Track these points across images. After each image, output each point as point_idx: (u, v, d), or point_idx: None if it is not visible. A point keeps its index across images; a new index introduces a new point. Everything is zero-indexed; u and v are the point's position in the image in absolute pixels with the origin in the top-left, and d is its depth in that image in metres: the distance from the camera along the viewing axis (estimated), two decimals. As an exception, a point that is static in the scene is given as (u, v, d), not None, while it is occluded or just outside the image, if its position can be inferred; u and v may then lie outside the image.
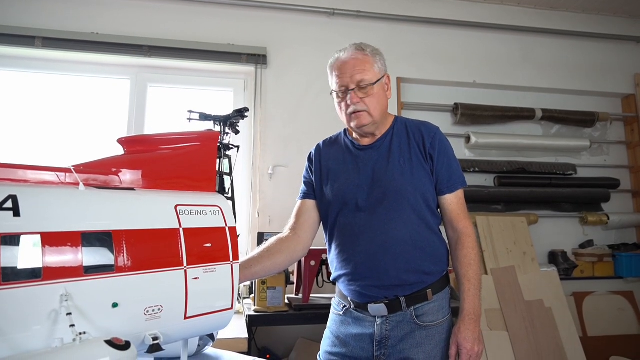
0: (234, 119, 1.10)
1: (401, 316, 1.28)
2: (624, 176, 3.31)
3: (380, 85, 1.33)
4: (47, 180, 0.73)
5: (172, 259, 0.78)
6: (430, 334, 1.27)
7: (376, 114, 1.32)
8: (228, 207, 0.95)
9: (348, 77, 1.30)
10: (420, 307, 1.28)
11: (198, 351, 1.20)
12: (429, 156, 1.31)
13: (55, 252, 0.64)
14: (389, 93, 1.38)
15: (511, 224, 2.89)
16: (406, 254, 1.27)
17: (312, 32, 2.95)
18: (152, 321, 0.74)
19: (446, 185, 1.32)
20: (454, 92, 3.15)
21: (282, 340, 2.53)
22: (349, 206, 1.33)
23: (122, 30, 2.67)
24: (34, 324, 0.61)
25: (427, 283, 1.29)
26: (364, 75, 1.29)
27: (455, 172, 1.33)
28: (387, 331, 1.28)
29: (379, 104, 1.32)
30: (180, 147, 0.94)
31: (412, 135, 1.35)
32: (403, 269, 1.26)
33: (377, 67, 1.33)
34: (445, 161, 1.32)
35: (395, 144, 1.34)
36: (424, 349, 1.26)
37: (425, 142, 1.32)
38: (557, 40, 3.30)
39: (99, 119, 2.71)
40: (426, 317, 1.28)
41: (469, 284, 1.26)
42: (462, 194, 1.35)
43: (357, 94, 1.30)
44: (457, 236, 1.32)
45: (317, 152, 1.49)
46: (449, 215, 1.34)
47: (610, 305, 3.02)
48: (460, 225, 1.32)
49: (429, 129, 1.36)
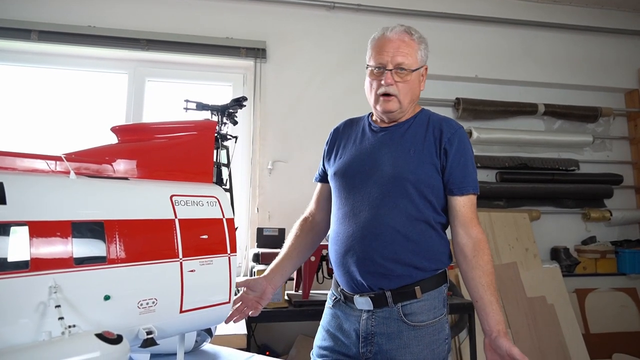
0: (231, 109, 1.07)
1: (387, 312, 1.23)
2: (627, 172, 3.28)
3: (417, 74, 1.30)
4: (37, 169, 0.71)
5: (167, 250, 0.76)
6: (419, 334, 1.21)
7: (405, 102, 1.29)
8: (226, 199, 0.92)
9: (389, 57, 1.26)
10: (408, 304, 1.22)
11: (196, 347, 1.18)
12: (443, 151, 1.25)
13: (44, 242, 0.61)
14: (422, 85, 1.34)
15: (513, 220, 2.86)
16: (395, 243, 1.22)
17: (312, 25, 2.91)
18: (146, 315, 0.71)
19: (457, 186, 1.25)
20: (456, 86, 3.12)
21: (282, 336, 2.51)
22: (347, 185, 1.31)
23: (120, 23, 2.64)
24: (20, 317, 0.58)
25: (416, 279, 1.22)
26: (406, 58, 1.26)
27: (470, 176, 1.26)
28: (373, 327, 1.23)
29: (411, 92, 1.29)
30: (177, 136, 0.91)
31: (431, 128, 1.29)
32: (390, 257, 1.21)
33: (419, 55, 1.30)
34: (461, 161, 1.25)
35: (411, 132, 1.30)
36: (411, 350, 1.20)
37: (443, 137, 1.26)
38: (559, 34, 3.27)
39: (97, 114, 2.68)
40: (415, 317, 1.21)
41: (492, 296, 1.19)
42: (474, 200, 1.27)
43: (393, 76, 1.26)
44: (473, 242, 1.24)
45: (335, 131, 1.48)
46: (461, 219, 1.26)
47: (613, 302, 2.99)
48: (475, 231, 1.24)
49: (451, 125, 1.29)
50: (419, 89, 1.33)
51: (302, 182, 2.69)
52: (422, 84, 1.34)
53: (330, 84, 2.84)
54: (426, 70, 1.34)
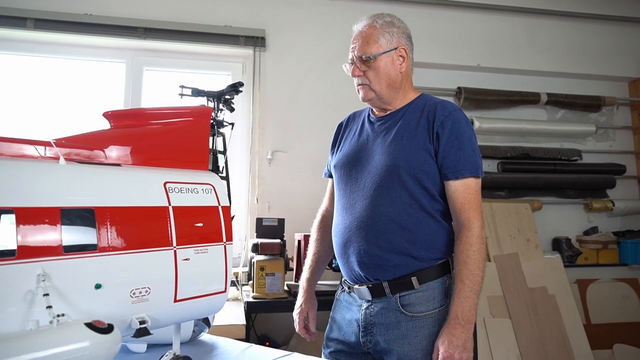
0: (228, 95, 1.04)
1: (386, 302, 1.21)
2: (630, 162, 3.25)
3: (387, 58, 1.27)
4: (25, 154, 0.68)
5: (160, 238, 0.74)
6: (417, 325, 1.19)
7: (379, 88, 1.28)
8: (222, 186, 0.90)
9: (354, 51, 1.30)
10: (406, 295, 1.20)
11: (193, 337, 1.17)
12: (435, 135, 1.21)
13: (31, 230, 0.59)
14: (403, 66, 1.30)
15: (515, 210, 2.84)
16: (390, 232, 1.20)
17: (312, 13, 2.87)
18: (139, 304, 0.70)
19: (451, 170, 1.20)
20: (457, 75, 3.08)
21: (282, 327, 2.51)
22: (345, 177, 1.31)
23: (117, 11, 2.60)
24: (7, 306, 0.56)
25: (413, 269, 1.20)
26: (366, 48, 1.27)
27: (467, 158, 1.20)
28: (372, 317, 1.23)
29: (385, 77, 1.27)
30: (171, 122, 0.89)
31: (425, 113, 1.26)
32: (385, 247, 1.19)
33: (383, 39, 1.27)
34: (455, 144, 1.20)
35: (405, 119, 1.28)
36: (409, 340, 1.18)
37: (436, 120, 1.22)
38: (563, 22, 3.22)
39: (95, 104, 2.65)
40: (413, 307, 1.19)
41: (461, 284, 1.14)
42: (472, 184, 1.20)
43: (358, 67, 1.29)
44: (458, 229, 1.21)
45: (339, 126, 1.49)
46: (453, 204, 1.22)
47: (615, 293, 2.98)
48: (463, 217, 1.19)
49: (445, 108, 1.25)
50: (396, 72, 1.29)
51: (301, 172, 2.67)
52: (402, 65, 1.30)
53: (330, 73, 2.80)
54: (405, 51, 1.30)
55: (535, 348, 2.41)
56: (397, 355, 1.19)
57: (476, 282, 1.14)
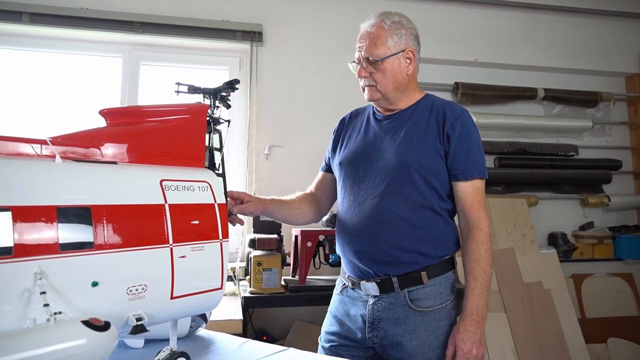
0: (224, 92, 1.04)
1: (394, 297, 1.24)
2: (626, 157, 3.27)
3: (395, 60, 1.28)
4: (21, 152, 0.68)
5: (156, 236, 0.74)
6: (426, 319, 1.22)
7: (385, 89, 1.28)
8: (218, 184, 0.90)
9: (360, 51, 1.30)
10: (414, 290, 1.23)
11: (190, 333, 1.17)
12: (445, 136, 1.24)
13: (28, 228, 0.60)
14: (409, 69, 1.31)
15: (511, 205, 2.85)
16: (401, 231, 1.22)
17: (309, 8, 2.85)
18: (135, 301, 0.70)
19: (461, 171, 1.24)
20: (454, 70, 3.07)
21: (279, 322, 2.52)
22: (352, 174, 1.32)
23: (113, 5, 2.58)
24: (4, 304, 0.57)
25: (422, 265, 1.23)
26: (374, 49, 1.26)
27: (475, 160, 1.24)
28: (379, 312, 1.24)
29: (391, 80, 1.28)
30: (168, 119, 0.89)
31: (434, 114, 1.28)
32: (395, 245, 1.22)
33: (391, 41, 1.27)
34: (464, 146, 1.24)
35: (414, 119, 1.29)
36: (417, 335, 1.21)
37: (446, 122, 1.25)
38: (560, 17, 3.22)
39: (91, 99, 2.64)
40: (421, 302, 1.22)
41: (474, 282, 1.20)
42: (480, 185, 1.26)
43: (365, 69, 1.28)
44: (468, 228, 1.24)
45: (342, 121, 1.49)
46: (462, 204, 1.26)
47: (610, 287, 3.01)
48: (473, 216, 1.24)
49: (454, 110, 1.28)
50: (403, 74, 1.30)
51: (299, 167, 2.67)
52: (409, 67, 1.31)
53: (327, 68, 2.80)
54: (413, 53, 1.31)
55: (530, 342, 2.44)
56: (406, 350, 1.21)
57: (488, 279, 1.20)
